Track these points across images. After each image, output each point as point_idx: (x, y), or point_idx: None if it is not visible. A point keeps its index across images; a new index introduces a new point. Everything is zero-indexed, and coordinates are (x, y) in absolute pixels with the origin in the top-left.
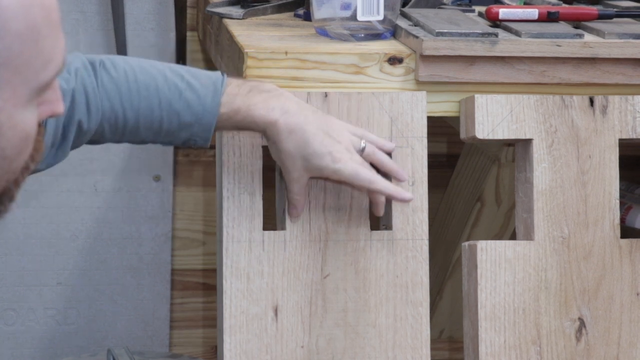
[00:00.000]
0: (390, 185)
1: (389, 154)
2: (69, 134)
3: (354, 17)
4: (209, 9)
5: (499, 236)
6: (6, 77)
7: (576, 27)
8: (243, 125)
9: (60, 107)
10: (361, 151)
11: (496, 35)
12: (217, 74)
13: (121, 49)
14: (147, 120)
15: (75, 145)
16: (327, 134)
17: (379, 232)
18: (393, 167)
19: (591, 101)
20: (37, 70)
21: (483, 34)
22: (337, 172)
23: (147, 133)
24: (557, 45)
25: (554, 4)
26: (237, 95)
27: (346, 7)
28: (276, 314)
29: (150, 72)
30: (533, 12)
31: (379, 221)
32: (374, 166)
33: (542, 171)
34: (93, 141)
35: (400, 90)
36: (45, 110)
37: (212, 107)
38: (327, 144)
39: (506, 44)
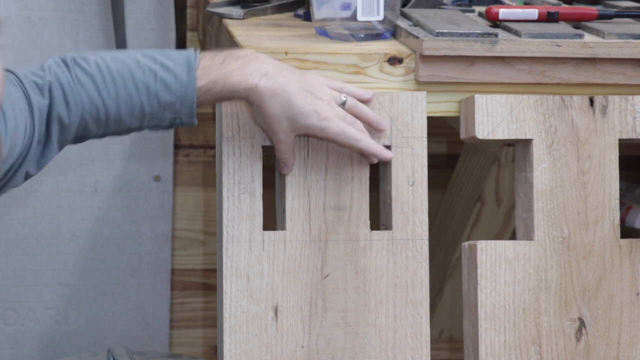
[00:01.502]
0: (374, 145)
1: (368, 103)
2: (52, 130)
3: (354, 17)
4: (209, 9)
5: (499, 236)
6: None
7: (576, 27)
8: (224, 95)
9: None
10: (342, 105)
11: (496, 35)
12: (189, 50)
13: (121, 49)
14: (128, 106)
15: (61, 143)
16: (308, 91)
17: (379, 232)
18: (374, 119)
19: (591, 101)
20: None
21: (483, 34)
22: (323, 130)
23: (131, 120)
24: (557, 46)
25: (554, 4)
26: (212, 67)
27: (346, 7)
28: (276, 314)
29: (122, 60)
30: (533, 12)
31: (379, 221)
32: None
33: (542, 171)
34: (79, 137)
35: (400, 90)
36: None
37: (188, 82)
38: (311, 102)
39: (506, 44)
